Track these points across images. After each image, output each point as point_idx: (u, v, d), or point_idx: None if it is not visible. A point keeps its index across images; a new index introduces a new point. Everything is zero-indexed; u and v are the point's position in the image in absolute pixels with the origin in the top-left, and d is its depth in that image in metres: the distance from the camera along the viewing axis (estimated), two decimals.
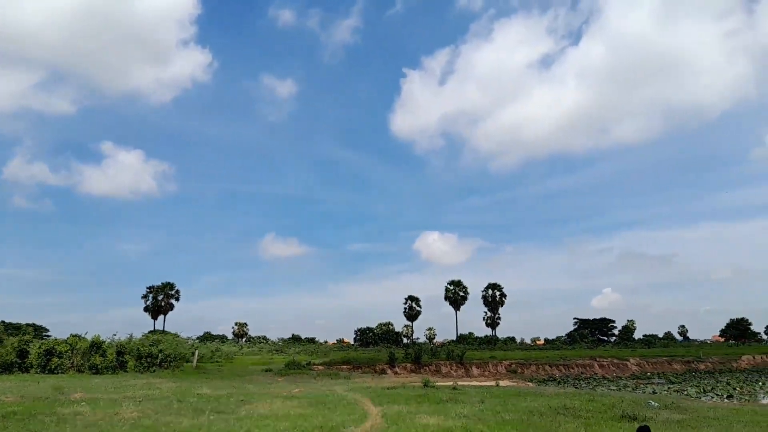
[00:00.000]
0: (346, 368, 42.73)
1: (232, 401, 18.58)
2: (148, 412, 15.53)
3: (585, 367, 51.32)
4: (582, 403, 19.57)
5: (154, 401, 18.16)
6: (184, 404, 17.49)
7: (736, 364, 57.23)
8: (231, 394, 21.28)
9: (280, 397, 20.46)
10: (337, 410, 16.73)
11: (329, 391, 23.75)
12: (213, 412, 15.88)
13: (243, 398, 19.58)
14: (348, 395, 21.77)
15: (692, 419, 15.86)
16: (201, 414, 15.38)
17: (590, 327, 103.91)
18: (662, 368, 53.77)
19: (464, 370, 46.17)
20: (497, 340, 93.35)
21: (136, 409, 16.02)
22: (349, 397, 21.12)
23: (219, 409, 16.57)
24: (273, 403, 18.09)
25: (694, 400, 24.00)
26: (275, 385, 28.52)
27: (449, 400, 20.28)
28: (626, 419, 15.45)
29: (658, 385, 37.56)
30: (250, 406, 17.52)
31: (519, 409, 17.50)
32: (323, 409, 17.04)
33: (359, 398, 20.56)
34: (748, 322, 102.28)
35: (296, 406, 17.65)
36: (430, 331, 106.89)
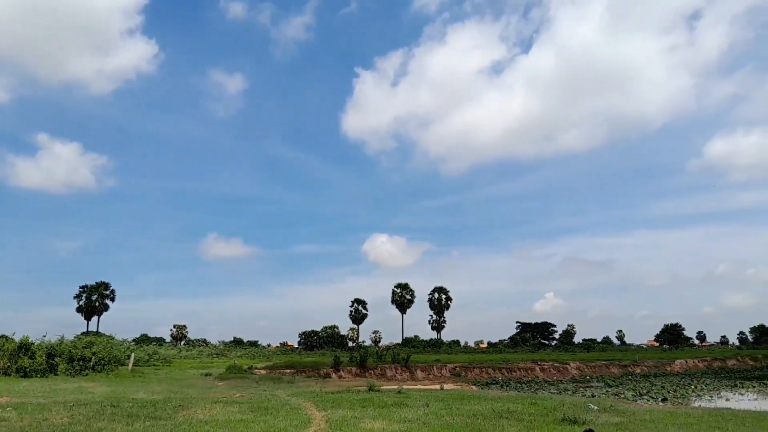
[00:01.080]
0: (290, 372, 42.07)
1: (169, 406, 17.86)
2: (80, 417, 14.72)
3: (527, 371, 52.28)
4: (524, 406, 19.78)
5: (86, 406, 17.27)
6: (118, 409, 16.69)
7: (670, 368, 59.52)
8: (168, 399, 20.49)
9: (220, 402, 19.83)
10: (279, 415, 16.32)
11: (272, 396, 23.23)
12: (148, 417, 15.20)
13: (181, 403, 18.86)
14: (291, 400, 21.32)
15: (630, 422, 16.22)
16: (136, 420, 14.69)
17: (532, 331, 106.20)
18: (601, 372, 55.37)
19: (409, 374, 46.24)
20: (442, 343, 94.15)
21: (67, 414, 15.17)
22: (292, 401, 20.69)
23: (155, 414, 15.89)
24: (212, 409, 17.50)
25: (631, 403, 24.66)
26: (215, 389, 27.71)
27: (394, 404, 20.12)
28: (567, 422, 15.66)
29: (597, 389, 38.57)
30: (188, 411, 16.87)
31: (463, 413, 17.52)
32: (265, 414, 16.59)
33: (303, 403, 20.16)
34: (682, 327, 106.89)
35: (237, 411, 17.13)
36: (376, 334, 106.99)
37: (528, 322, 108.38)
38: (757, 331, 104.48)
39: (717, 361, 64.97)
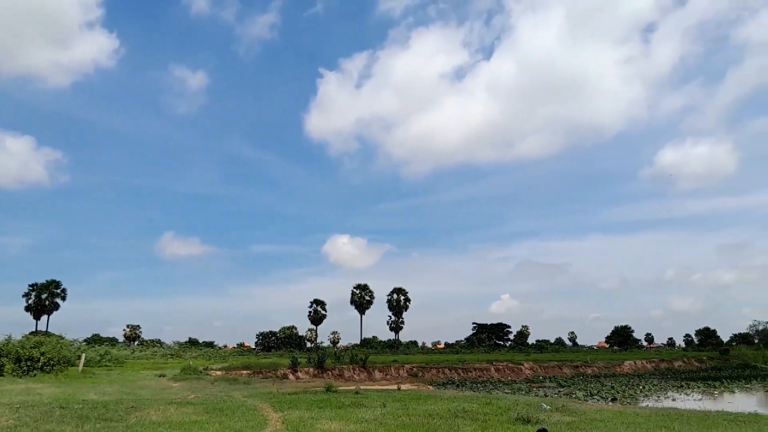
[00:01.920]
0: (246, 373, 41.60)
1: (122, 408, 17.48)
2: (26, 420, 14.28)
3: (482, 371, 53.01)
4: (479, 406, 20.09)
5: (33, 408, 16.74)
6: (67, 411, 16.24)
7: (620, 368, 61.22)
8: (120, 400, 20.03)
9: (174, 403, 19.51)
10: (235, 416, 16.17)
11: (227, 397, 22.96)
12: (99, 419, 14.85)
13: (133, 405, 18.48)
14: (247, 401, 21.13)
15: (581, 421, 16.67)
16: (86, 422, 14.34)
17: (488, 332, 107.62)
18: (553, 372, 56.57)
19: (367, 374, 46.31)
20: (400, 344, 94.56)
21: (13, 416, 14.69)
22: (248, 403, 20.51)
23: (106, 416, 15.53)
24: (166, 410, 17.21)
25: (582, 403, 25.31)
26: (169, 390, 27.21)
27: (352, 404, 20.17)
28: (520, 422, 16.01)
29: (550, 389, 39.40)
30: (140, 413, 16.55)
31: (419, 413, 17.69)
32: (220, 415, 16.42)
33: (259, 404, 20.02)
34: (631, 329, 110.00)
35: (191, 412, 16.89)
36: (335, 335, 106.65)
37: (484, 323, 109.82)
38: (702, 333, 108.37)
39: (664, 363, 67.13)
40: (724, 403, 30.30)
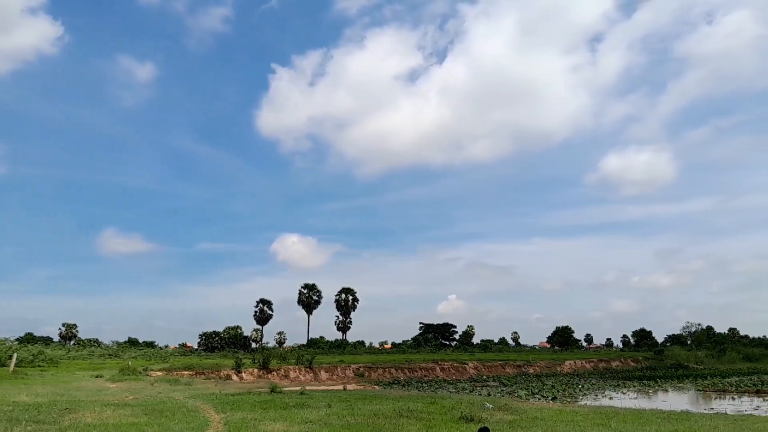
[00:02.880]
0: (188, 374, 40.64)
1: (55, 410, 16.74)
2: None
3: (428, 370, 53.47)
4: (424, 405, 20.24)
5: None
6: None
7: (560, 368, 62.90)
8: (54, 402, 19.19)
9: (110, 405, 18.84)
10: (175, 418, 15.74)
11: (167, 399, 22.34)
12: (31, 422, 14.19)
13: (67, 406, 17.74)
14: (188, 402, 20.63)
15: (522, 420, 17.01)
16: (16, 424, 13.67)
17: (434, 331, 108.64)
18: (497, 371, 57.63)
19: (313, 375, 45.99)
20: (347, 344, 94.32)
21: None
22: (189, 404, 20.02)
23: (39, 418, 14.85)
24: (102, 412, 16.60)
25: (524, 402, 25.84)
26: (106, 392, 26.27)
27: (296, 405, 19.97)
28: (464, 420, 16.22)
29: (493, 388, 40.08)
30: (75, 415, 15.90)
31: (364, 413, 17.68)
32: (160, 417, 15.95)
33: (200, 405, 19.57)
34: (571, 330, 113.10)
35: (129, 414, 16.35)
36: (281, 335, 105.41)
37: (431, 323, 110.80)
38: (638, 334, 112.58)
39: (602, 363, 69.38)
40: (658, 401, 31.54)
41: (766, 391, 33.73)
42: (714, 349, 78.52)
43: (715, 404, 28.47)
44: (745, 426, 16.02)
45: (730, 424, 16.65)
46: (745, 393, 33.77)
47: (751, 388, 35.77)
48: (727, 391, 35.33)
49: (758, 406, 25.91)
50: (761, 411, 23.69)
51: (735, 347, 79.87)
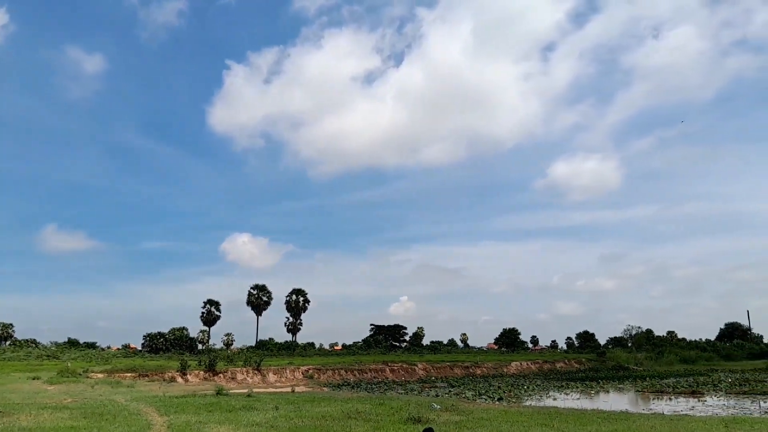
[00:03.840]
0: (131, 376, 39.51)
1: None
2: None
3: (377, 372, 53.57)
4: (372, 406, 20.29)
5: None
6: None
7: (507, 369, 64.02)
8: None
9: (48, 408, 18.13)
10: (115, 422, 15.28)
11: (108, 401, 21.67)
12: None
13: (1, 410, 16.98)
14: (130, 405, 20.05)
15: (469, 420, 17.26)
16: None
17: (385, 333, 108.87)
18: (445, 373, 58.21)
19: (261, 377, 45.41)
20: (297, 345, 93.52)
21: None
22: (131, 407, 19.46)
23: None
24: (39, 415, 15.96)
25: (471, 403, 26.20)
26: (43, 394, 25.27)
27: (243, 408, 19.69)
28: (411, 421, 16.33)
29: (441, 389, 40.43)
30: (9, 418, 15.24)
31: (312, 415, 17.58)
32: (100, 420, 15.46)
33: (143, 408, 19.05)
34: (518, 331, 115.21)
35: (67, 417, 15.78)
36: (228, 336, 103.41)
37: (382, 325, 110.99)
38: (582, 337, 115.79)
39: (547, 364, 70.98)
40: (599, 402, 32.45)
41: (701, 392, 35.15)
42: (653, 352, 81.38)
43: (653, 405, 29.50)
44: (680, 426, 16.69)
45: (666, 423, 17.32)
46: (682, 394, 35.10)
47: (687, 389, 37.21)
48: (665, 392, 36.66)
49: (693, 407, 26.99)
50: (696, 411, 24.71)
51: (673, 350, 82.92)
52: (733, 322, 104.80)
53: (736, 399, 31.21)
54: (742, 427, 16.22)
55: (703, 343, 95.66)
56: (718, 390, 36.47)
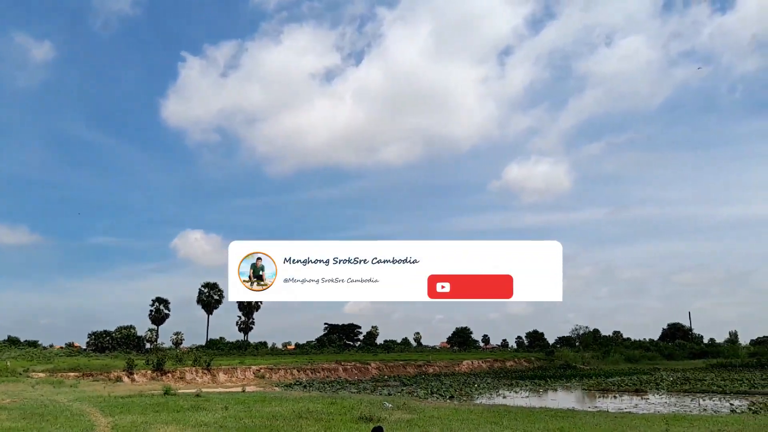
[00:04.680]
0: (74, 376, 38.24)
1: None
2: None
3: (330, 371, 53.41)
4: (324, 406, 20.20)
5: None
6: None
7: (458, 368, 64.78)
8: None
9: None
10: (57, 423, 14.76)
11: (49, 402, 20.91)
12: None
13: None
14: (73, 406, 19.40)
15: (420, 419, 17.38)
16: None
17: (339, 332, 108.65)
18: (398, 371, 58.50)
19: (211, 377, 44.64)
20: (249, 345, 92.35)
21: None
22: (73, 407, 18.83)
23: None
24: None
25: (422, 401, 26.41)
26: None
27: (191, 408, 19.30)
28: (363, 420, 16.33)
29: (394, 388, 40.61)
30: None
31: (263, 415, 17.39)
32: (40, 421, 14.90)
33: (86, 409, 18.45)
34: (470, 331, 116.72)
35: (5, 419, 15.15)
36: (178, 335, 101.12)
37: (336, 324, 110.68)
38: (531, 336, 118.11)
39: (498, 363, 72.15)
40: (547, 399, 33.19)
41: (644, 391, 36.35)
42: (599, 351, 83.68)
43: (598, 402, 30.35)
44: (623, 423, 17.22)
45: (610, 421, 17.85)
46: (626, 392, 36.20)
47: (630, 388, 38.40)
48: (610, 390, 37.75)
49: (636, 405, 27.88)
50: (639, 409, 25.54)
51: (618, 349, 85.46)
52: (675, 323, 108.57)
53: (677, 397, 32.42)
54: (681, 424, 16.84)
55: (647, 343, 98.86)
56: (660, 388, 37.78)
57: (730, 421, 17.34)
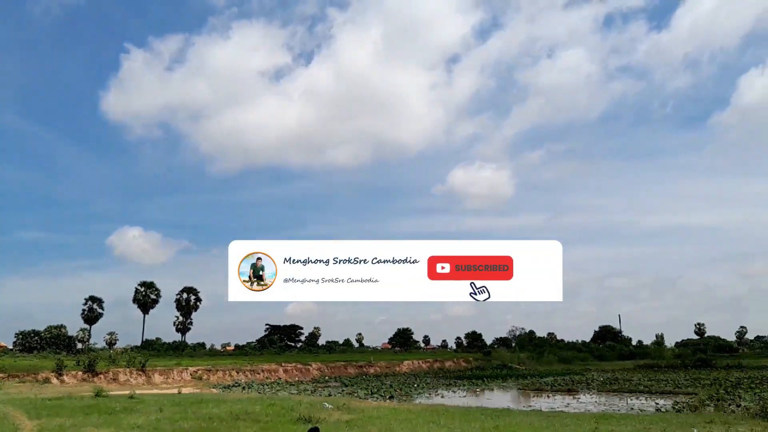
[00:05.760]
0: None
1: None
2: None
3: (271, 372, 52.85)
4: (262, 407, 20.03)
5: None
6: None
7: (399, 368, 65.29)
8: None
9: None
10: None
11: None
12: None
13: None
14: None
15: (359, 419, 17.50)
16: None
17: (280, 333, 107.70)
18: (339, 372, 58.48)
19: (146, 378, 43.41)
20: (186, 345, 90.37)
21: None
22: None
23: None
24: None
25: (362, 401, 26.55)
26: None
27: (123, 410, 18.77)
28: (302, 421, 16.31)
29: (334, 388, 40.60)
30: None
31: (199, 417, 17.11)
32: None
33: (11, 412, 17.67)
34: (411, 331, 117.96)
35: None
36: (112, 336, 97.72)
37: (277, 325, 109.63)
38: (470, 336, 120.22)
39: (437, 363, 73.09)
40: (484, 399, 33.99)
41: (576, 390, 37.68)
42: (534, 352, 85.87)
43: (533, 402, 31.30)
44: (556, 421, 17.85)
45: (543, 419, 18.47)
46: (559, 392, 37.43)
47: (563, 388, 39.71)
48: (544, 390, 38.95)
49: (568, 404, 28.91)
50: (571, 408, 26.52)
51: (552, 350, 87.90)
52: (606, 325, 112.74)
53: (606, 396, 33.80)
54: (609, 422, 17.60)
55: (579, 344, 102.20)
56: (591, 388, 39.26)
57: (655, 420, 18.23)
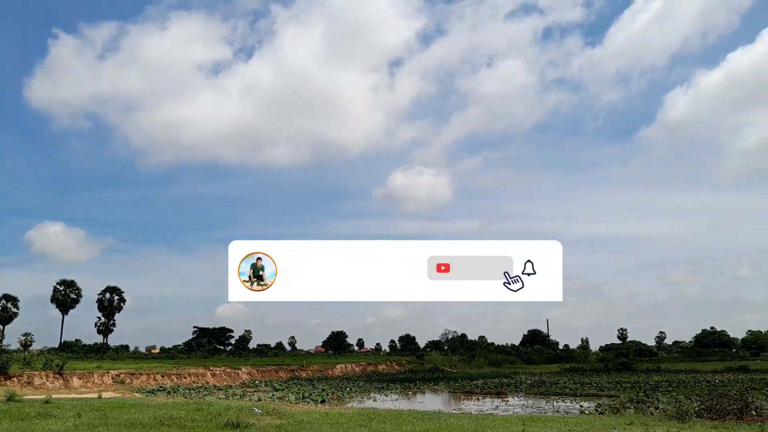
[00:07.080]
0: None
1: None
2: None
3: (198, 376, 51.31)
4: (188, 412, 19.39)
5: None
6: None
7: (332, 371, 64.90)
8: None
9: None
10: None
11: None
12: None
13: None
14: None
15: (289, 423, 17.21)
16: None
17: (209, 336, 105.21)
18: (270, 376, 57.47)
19: (64, 382, 41.19)
20: (108, 348, 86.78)
21: None
22: None
23: None
24: None
25: (293, 406, 26.14)
26: None
27: (38, 415, 17.69)
28: (230, 427, 15.89)
29: (265, 392, 39.82)
30: None
31: (120, 422, 16.35)
32: None
33: None
34: (345, 334, 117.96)
35: None
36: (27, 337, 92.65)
37: (206, 327, 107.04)
38: (404, 339, 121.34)
39: (371, 366, 73.17)
40: (416, 402, 34.24)
41: (505, 393, 38.54)
42: (466, 355, 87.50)
43: (463, 404, 31.75)
44: (485, 424, 18.13)
45: (473, 422, 18.73)
46: (488, 395, 38.17)
47: (492, 390, 40.52)
48: (474, 393, 39.63)
49: (497, 406, 29.52)
50: (499, 410, 27.09)
51: (483, 353, 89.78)
52: (534, 329, 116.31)
53: (533, 399, 34.70)
54: (536, 424, 18.04)
55: (509, 348, 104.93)
56: (519, 391, 40.24)
57: (579, 422, 18.82)
